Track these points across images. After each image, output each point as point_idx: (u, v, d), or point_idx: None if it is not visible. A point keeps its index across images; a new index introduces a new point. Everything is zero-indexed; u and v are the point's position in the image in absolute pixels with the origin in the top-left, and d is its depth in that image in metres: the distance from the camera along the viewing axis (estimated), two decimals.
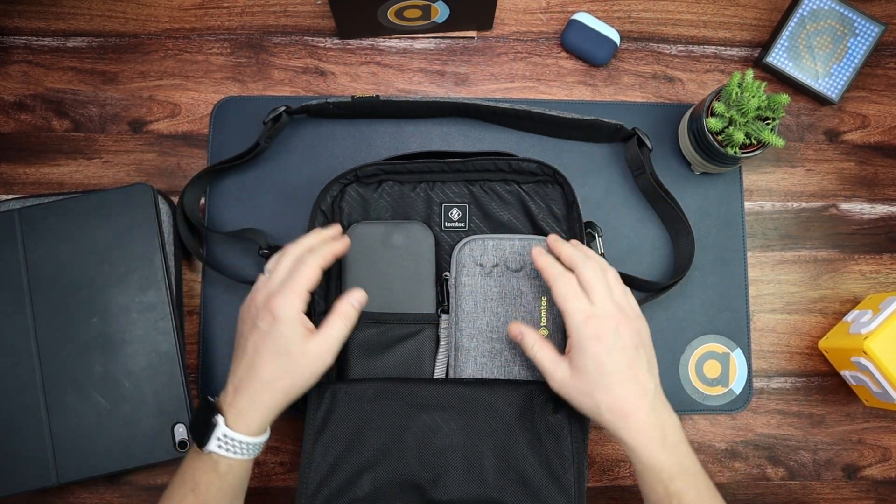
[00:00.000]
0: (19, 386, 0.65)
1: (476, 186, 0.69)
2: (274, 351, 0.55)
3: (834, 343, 0.71)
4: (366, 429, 0.60)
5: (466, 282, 0.65)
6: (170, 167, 0.74)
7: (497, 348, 0.65)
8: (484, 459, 0.59)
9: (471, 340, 0.65)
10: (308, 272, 0.57)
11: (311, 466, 0.59)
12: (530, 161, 0.67)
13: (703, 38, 0.78)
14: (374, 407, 0.60)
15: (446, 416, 0.60)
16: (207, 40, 0.76)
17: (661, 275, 0.73)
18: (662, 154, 0.75)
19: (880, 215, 0.76)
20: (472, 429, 0.60)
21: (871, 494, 0.73)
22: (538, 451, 0.59)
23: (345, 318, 0.58)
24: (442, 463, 0.59)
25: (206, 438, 0.54)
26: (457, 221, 0.69)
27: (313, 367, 0.56)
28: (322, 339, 0.57)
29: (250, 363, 0.55)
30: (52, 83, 0.75)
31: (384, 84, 0.77)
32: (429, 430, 0.60)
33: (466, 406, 0.60)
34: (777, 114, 0.66)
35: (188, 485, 0.55)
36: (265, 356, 0.55)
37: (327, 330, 0.57)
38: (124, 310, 0.66)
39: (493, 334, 0.65)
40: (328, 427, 0.60)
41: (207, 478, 0.54)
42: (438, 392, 0.61)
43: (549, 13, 0.78)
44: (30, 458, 0.64)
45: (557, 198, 0.68)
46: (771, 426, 0.73)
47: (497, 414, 0.60)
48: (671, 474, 0.54)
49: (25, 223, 0.67)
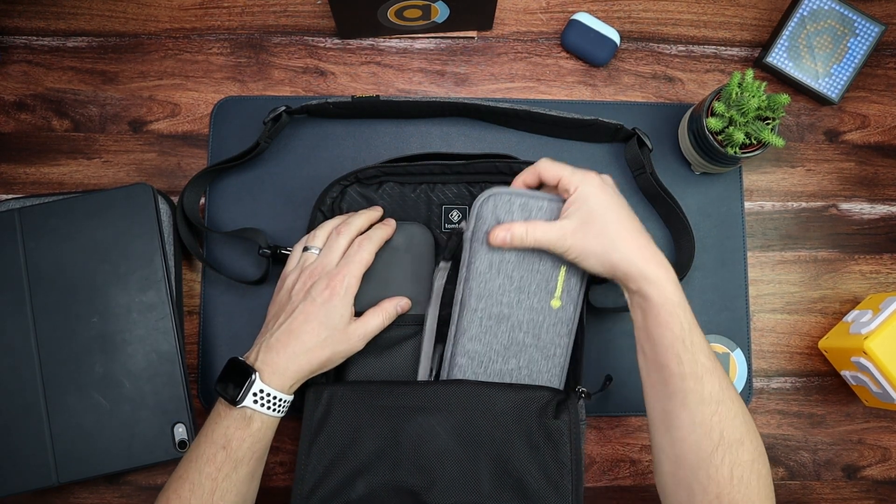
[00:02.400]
0: (19, 386, 0.65)
1: (476, 188, 0.69)
2: (324, 323, 0.58)
3: (834, 343, 0.71)
4: (362, 432, 0.60)
5: (484, 239, 0.60)
6: (170, 167, 0.74)
7: (505, 313, 0.62)
8: (480, 465, 0.58)
9: (479, 301, 0.62)
10: (367, 257, 0.61)
11: (307, 468, 0.59)
12: (531, 163, 0.67)
13: (703, 38, 0.78)
14: (370, 410, 0.60)
15: (443, 420, 0.60)
16: (207, 40, 0.76)
17: None
18: (662, 154, 0.75)
19: (880, 215, 0.76)
20: (469, 433, 0.59)
21: (871, 494, 0.73)
22: (536, 458, 0.59)
23: (385, 315, 0.62)
24: (437, 468, 0.58)
25: (242, 394, 0.55)
26: (456, 223, 0.69)
27: (347, 347, 0.59)
28: (361, 325, 0.60)
29: (295, 329, 0.58)
30: (52, 83, 0.75)
31: (384, 84, 0.77)
32: (424, 434, 0.59)
33: (464, 410, 0.60)
34: (777, 114, 0.66)
35: (218, 442, 0.55)
36: (313, 325, 0.58)
37: (368, 319, 0.61)
38: (124, 310, 0.66)
39: (504, 297, 0.62)
40: (324, 429, 0.60)
41: (239, 434, 0.55)
42: (436, 395, 0.61)
43: (549, 13, 0.78)
44: (30, 458, 0.64)
45: None
46: (771, 426, 0.73)
47: (495, 418, 0.60)
48: (686, 312, 0.54)
49: (25, 223, 0.67)
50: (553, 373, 0.64)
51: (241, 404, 0.55)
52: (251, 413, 0.55)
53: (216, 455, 0.55)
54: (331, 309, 0.58)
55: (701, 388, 0.53)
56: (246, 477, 0.56)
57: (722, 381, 0.54)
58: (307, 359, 0.57)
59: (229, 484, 0.55)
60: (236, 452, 0.55)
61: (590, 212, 0.56)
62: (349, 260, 0.60)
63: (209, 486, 0.54)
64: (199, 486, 0.54)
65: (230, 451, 0.55)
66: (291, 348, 0.57)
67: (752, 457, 0.52)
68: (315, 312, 0.58)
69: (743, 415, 0.54)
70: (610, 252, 0.55)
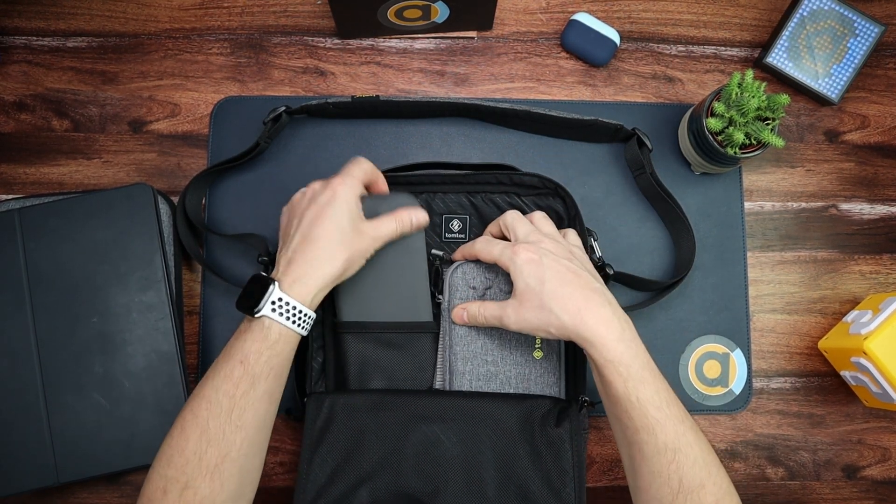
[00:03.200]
0: (19, 386, 0.65)
1: (477, 198, 0.69)
2: (334, 220, 0.56)
3: (834, 343, 0.71)
4: (364, 440, 0.59)
5: (459, 305, 0.64)
6: (170, 167, 0.74)
7: (492, 371, 0.64)
8: (484, 472, 0.58)
9: (465, 364, 0.64)
10: (365, 165, 0.60)
11: (309, 477, 0.58)
12: (532, 175, 0.67)
13: (703, 39, 0.78)
14: (373, 418, 0.60)
15: (446, 428, 0.60)
16: (207, 40, 0.76)
17: (661, 275, 0.73)
18: (662, 154, 0.75)
19: (880, 215, 0.76)
20: (473, 441, 0.59)
21: (870, 494, 0.73)
22: (539, 465, 0.59)
23: (399, 222, 0.60)
24: (441, 475, 0.58)
25: (260, 302, 0.53)
26: (457, 233, 0.69)
27: (362, 246, 0.57)
28: (373, 226, 0.58)
29: (306, 233, 0.56)
30: (52, 83, 0.75)
31: (384, 84, 0.77)
32: (428, 441, 0.59)
33: (467, 418, 0.60)
34: (777, 114, 0.66)
35: (236, 357, 0.53)
36: (324, 223, 0.56)
37: (382, 221, 0.59)
38: (124, 310, 0.66)
39: (488, 357, 0.64)
40: (326, 437, 0.60)
41: (257, 347, 0.53)
42: (438, 403, 0.61)
43: (549, 13, 0.78)
44: (30, 458, 0.64)
45: (559, 209, 0.68)
46: (771, 426, 0.73)
47: (498, 426, 0.60)
48: (629, 369, 0.53)
49: (25, 223, 0.67)
50: None
51: (259, 313, 0.53)
52: (269, 323, 0.53)
53: (233, 371, 0.52)
54: (336, 207, 0.56)
55: (654, 440, 0.52)
56: (264, 395, 0.53)
57: (678, 426, 0.53)
58: (329, 264, 0.55)
59: (247, 402, 0.52)
60: (254, 367, 0.52)
61: (524, 287, 0.57)
62: (345, 170, 0.59)
63: (227, 404, 0.52)
64: (216, 405, 0.52)
65: (248, 365, 0.53)
66: (311, 254, 0.55)
67: (715, 498, 0.52)
68: (322, 212, 0.56)
69: (703, 458, 0.53)
70: (550, 321, 0.56)
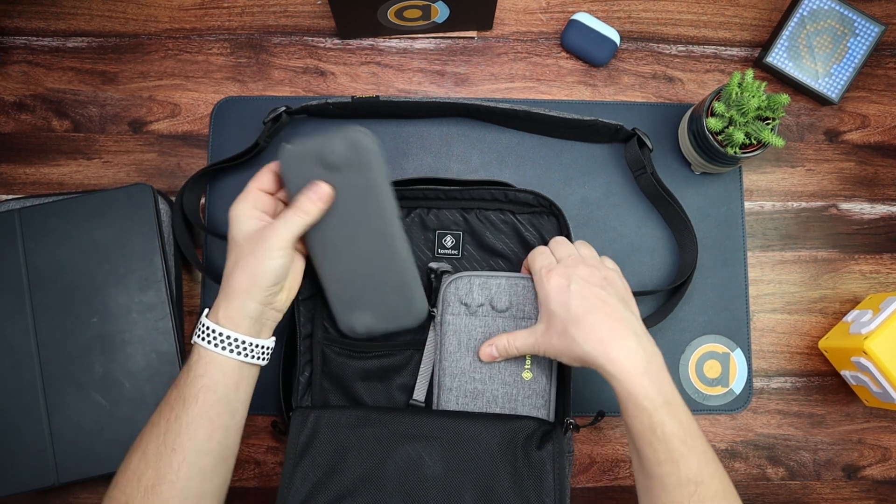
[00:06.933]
0: (19, 386, 0.65)
1: (471, 214, 0.68)
2: (235, 246, 0.56)
3: (834, 343, 0.71)
4: (347, 456, 0.59)
5: (451, 321, 0.64)
6: (170, 167, 0.74)
7: (479, 389, 0.64)
8: (465, 493, 0.58)
9: (453, 380, 0.64)
10: (257, 175, 0.58)
11: (290, 491, 0.58)
12: (527, 192, 0.66)
13: (703, 38, 0.78)
14: (356, 434, 0.60)
15: (429, 447, 0.59)
16: (207, 40, 0.76)
17: (662, 274, 0.73)
18: (662, 154, 0.75)
19: (880, 215, 0.76)
20: (455, 461, 0.59)
21: (871, 494, 0.73)
22: (519, 488, 0.58)
23: (301, 212, 0.56)
24: (422, 495, 0.58)
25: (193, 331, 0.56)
26: (450, 248, 0.69)
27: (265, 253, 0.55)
28: (271, 228, 0.55)
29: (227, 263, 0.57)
30: (52, 83, 0.75)
31: (384, 84, 0.77)
32: (410, 460, 0.59)
33: (450, 438, 0.60)
34: (777, 114, 0.66)
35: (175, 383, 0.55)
36: (230, 248, 0.56)
37: (278, 221, 0.56)
38: (124, 310, 0.66)
39: (476, 374, 0.64)
40: (309, 452, 0.59)
41: (187, 372, 0.55)
42: (423, 422, 0.61)
43: (549, 13, 0.78)
44: (30, 458, 0.64)
45: (552, 229, 0.67)
46: (771, 426, 0.73)
47: (481, 447, 0.59)
48: (654, 403, 0.53)
49: (25, 223, 0.67)
50: None
51: (193, 341, 0.55)
52: (198, 349, 0.55)
53: (170, 395, 0.55)
54: (234, 231, 0.56)
55: (678, 472, 0.52)
56: (199, 420, 0.53)
57: (701, 459, 0.53)
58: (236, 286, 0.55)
59: (179, 426, 0.53)
60: (183, 391, 0.54)
61: (550, 314, 0.57)
62: None
63: (163, 426, 0.53)
64: (154, 427, 0.53)
65: (179, 389, 0.54)
66: (227, 285, 0.56)
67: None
68: (229, 246, 0.57)
69: (723, 491, 0.53)
70: (574, 349, 0.56)
